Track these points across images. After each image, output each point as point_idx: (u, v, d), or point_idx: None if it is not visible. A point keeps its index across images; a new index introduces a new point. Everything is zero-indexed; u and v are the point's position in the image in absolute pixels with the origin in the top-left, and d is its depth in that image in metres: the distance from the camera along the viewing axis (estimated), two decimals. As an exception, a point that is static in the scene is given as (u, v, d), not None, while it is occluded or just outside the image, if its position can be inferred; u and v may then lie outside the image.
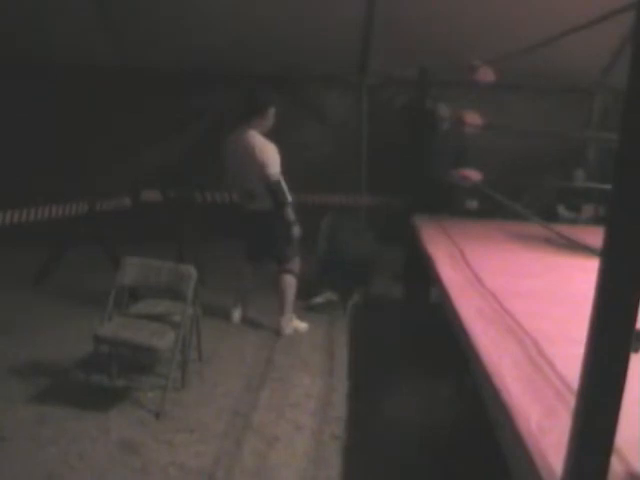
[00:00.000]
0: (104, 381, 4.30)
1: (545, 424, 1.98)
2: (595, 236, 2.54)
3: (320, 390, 4.49)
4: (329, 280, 6.41)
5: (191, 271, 4.28)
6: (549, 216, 6.29)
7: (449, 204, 6.34)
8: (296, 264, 5.44)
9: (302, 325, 5.63)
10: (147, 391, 4.26)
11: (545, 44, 3.94)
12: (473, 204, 6.29)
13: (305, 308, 6.04)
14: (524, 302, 3.29)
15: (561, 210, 7.06)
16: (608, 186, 1.55)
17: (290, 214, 5.14)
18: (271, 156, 5.04)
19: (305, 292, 6.03)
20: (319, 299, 6.25)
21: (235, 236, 5.67)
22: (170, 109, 7.58)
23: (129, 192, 7.48)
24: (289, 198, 5.07)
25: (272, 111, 5.18)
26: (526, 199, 6.75)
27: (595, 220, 6.59)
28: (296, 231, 5.21)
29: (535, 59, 4.81)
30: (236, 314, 5.71)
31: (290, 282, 5.43)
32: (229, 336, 5.39)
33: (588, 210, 6.98)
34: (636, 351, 1.57)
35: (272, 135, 5.18)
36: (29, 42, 6.95)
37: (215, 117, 7.59)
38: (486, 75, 5.20)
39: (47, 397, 4.16)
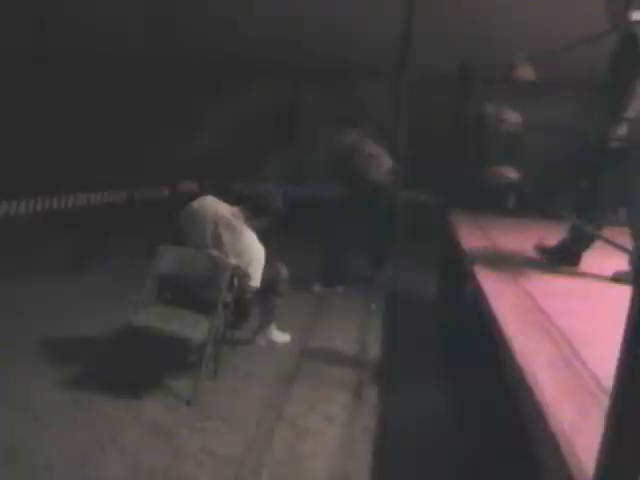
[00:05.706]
0: (138, 367, 4.33)
1: (578, 424, 1.97)
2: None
3: (352, 383, 4.51)
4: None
5: (226, 261, 4.31)
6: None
7: (489, 201, 6.28)
8: None
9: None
10: (180, 379, 4.30)
11: (585, 43, 3.90)
12: (510, 202, 6.25)
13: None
14: (559, 301, 3.29)
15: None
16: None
17: None
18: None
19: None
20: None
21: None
22: (210, 102, 7.64)
23: (166, 183, 7.57)
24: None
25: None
26: (562, 198, 6.67)
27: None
28: None
29: (574, 57, 4.76)
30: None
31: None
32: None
33: (624, 211, 6.87)
34: None
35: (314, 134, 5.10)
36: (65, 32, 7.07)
37: (258, 110, 7.67)
38: (526, 73, 5.17)
39: (82, 381, 4.24)
